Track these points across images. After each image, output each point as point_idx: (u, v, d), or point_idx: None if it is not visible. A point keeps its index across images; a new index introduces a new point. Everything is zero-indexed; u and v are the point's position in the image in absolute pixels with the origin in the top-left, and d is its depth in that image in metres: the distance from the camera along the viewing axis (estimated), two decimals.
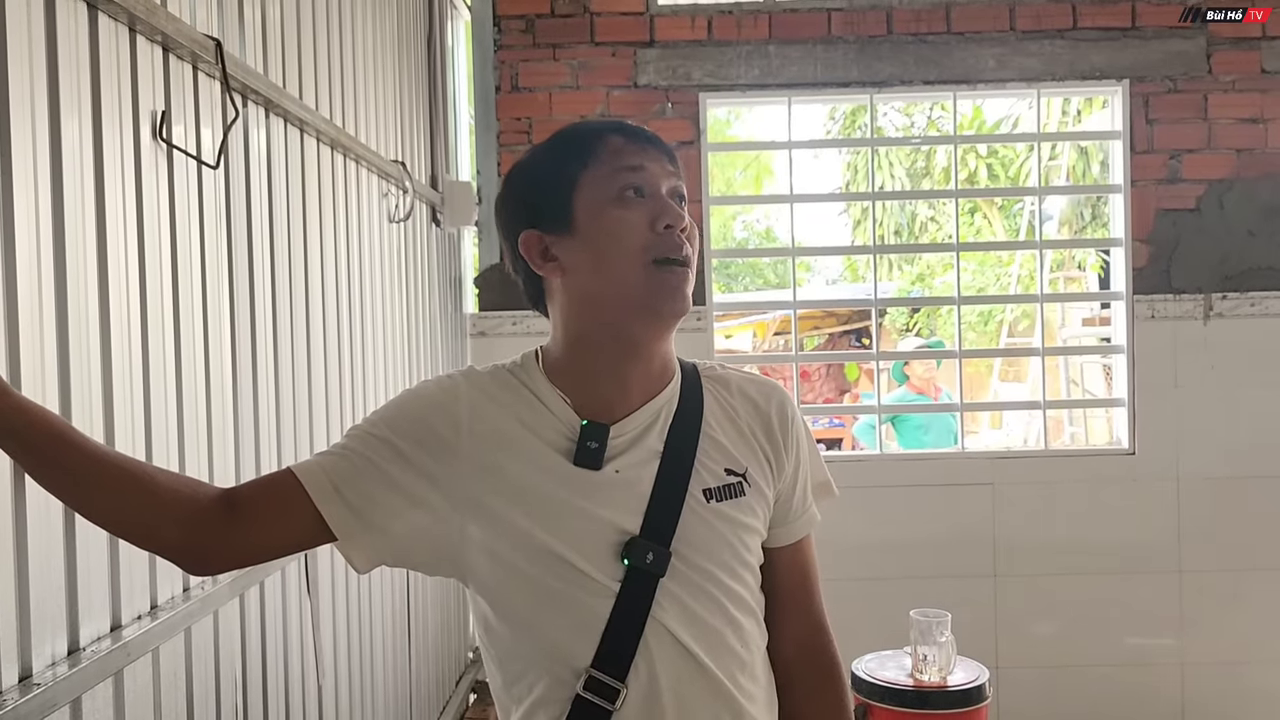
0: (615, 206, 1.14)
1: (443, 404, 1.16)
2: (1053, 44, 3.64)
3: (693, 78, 3.68)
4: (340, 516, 1.10)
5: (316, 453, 1.16)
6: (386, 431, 1.14)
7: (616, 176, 1.14)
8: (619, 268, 1.13)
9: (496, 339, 3.67)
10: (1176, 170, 3.64)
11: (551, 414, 1.16)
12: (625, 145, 1.16)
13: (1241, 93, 3.62)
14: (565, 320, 1.17)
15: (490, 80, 3.71)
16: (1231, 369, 3.62)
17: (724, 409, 1.24)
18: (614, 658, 1.11)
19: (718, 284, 17.21)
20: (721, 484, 1.18)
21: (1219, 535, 3.63)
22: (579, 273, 1.15)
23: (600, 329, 1.16)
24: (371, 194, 2.54)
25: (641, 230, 1.13)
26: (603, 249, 1.13)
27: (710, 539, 1.16)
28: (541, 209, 1.16)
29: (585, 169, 1.15)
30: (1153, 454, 3.64)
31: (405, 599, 2.75)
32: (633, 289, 1.13)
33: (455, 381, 1.18)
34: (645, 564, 1.11)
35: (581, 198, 1.15)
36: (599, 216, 1.14)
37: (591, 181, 1.15)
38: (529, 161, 1.22)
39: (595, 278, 1.14)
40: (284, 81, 1.96)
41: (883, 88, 3.68)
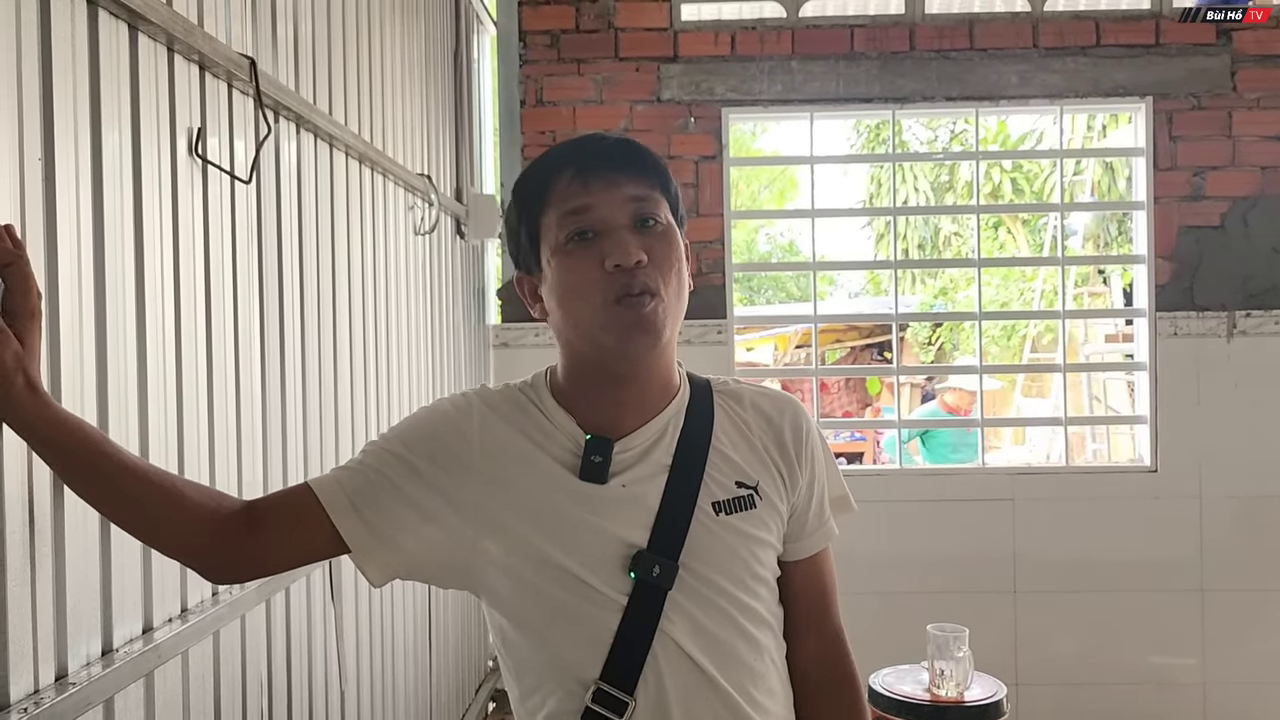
0: (563, 255, 1.14)
1: (456, 421, 1.18)
2: (1076, 61, 3.64)
3: (715, 93, 3.71)
4: (355, 531, 1.12)
5: (333, 468, 1.18)
6: (401, 448, 1.16)
7: (564, 223, 1.13)
8: (578, 313, 1.13)
9: (519, 350, 3.71)
10: (1200, 187, 3.64)
11: (558, 430, 1.17)
12: (572, 184, 1.14)
13: (1266, 110, 3.62)
14: (560, 348, 1.21)
15: (515, 94, 3.76)
16: (1255, 387, 3.60)
17: (735, 423, 1.24)
18: (622, 671, 1.12)
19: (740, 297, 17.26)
20: (731, 496, 1.19)
21: (1242, 554, 3.60)
22: (554, 314, 1.17)
23: (585, 362, 1.17)
24: (398, 207, 2.58)
25: (594, 273, 1.12)
26: (561, 296, 1.14)
27: (719, 552, 1.16)
28: (521, 253, 1.20)
29: (543, 213, 1.16)
30: (1175, 472, 3.62)
31: (427, 607, 2.78)
32: (597, 331, 1.12)
33: (468, 399, 1.20)
34: (652, 577, 1.12)
35: (544, 243, 1.16)
36: (554, 266, 1.15)
37: (547, 228, 1.15)
38: (513, 198, 1.23)
39: (564, 322, 1.16)
40: (314, 97, 2.00)
41: (905, 104, 3.70)
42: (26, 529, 1.10)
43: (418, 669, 2.67)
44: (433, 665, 2.81)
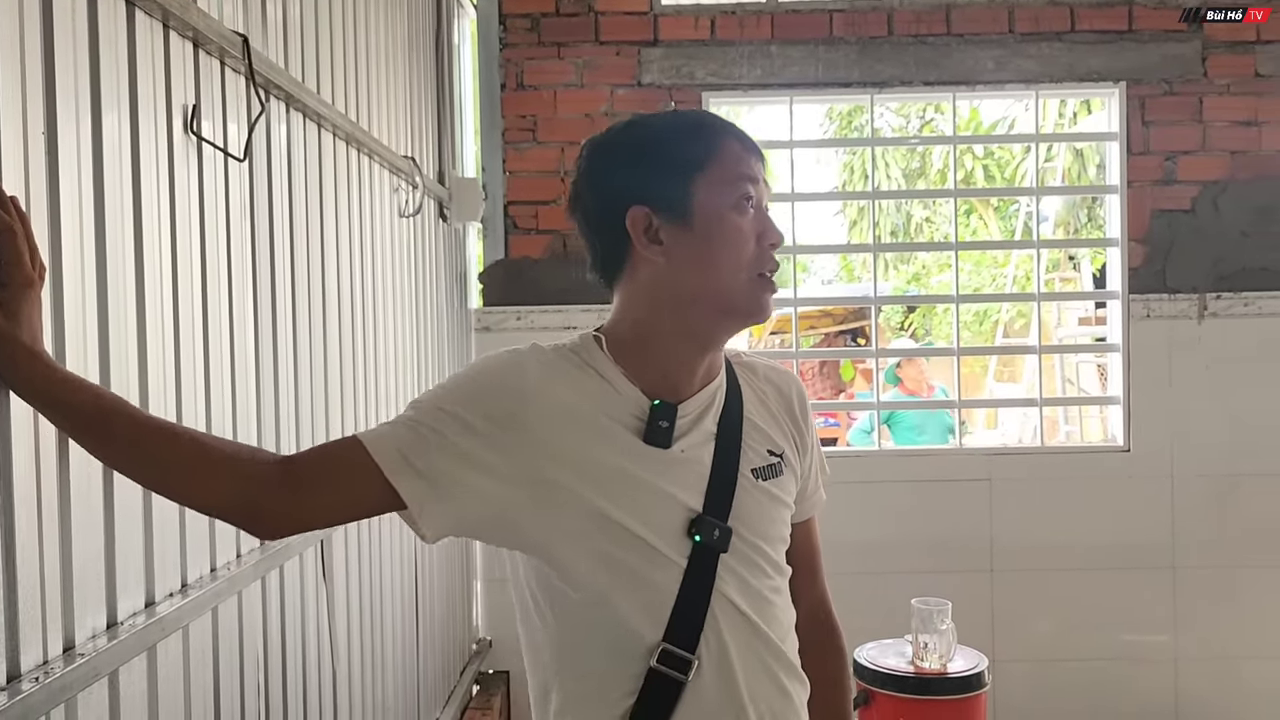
0: (734, 213, 1.17)
1: (511, 379, 1.16)
2: (1051, 46, 3.69)
3: (696, 77, 3.72)
4: (412, 488, 1.11)
5: (382, 423, 1.16)
6: (456, 405, 1.14)
7: (737, 184, 1.17)
8: (728, 273, 1.16)
9: (501, 334, 3.72)
10: (1172, 172, 3.70)
11: (618, 393, 1.18)
12: (742, 152, 1.19)
13: (1236, 95, 3.68)
14: (646, 302, 1.19)
15: (495, 78, 3.76)
16: (1225, 368, 3.67)
17: (756, 394, 1.29)
18: (685, 630, 1.15)
19: None
20: (765, 464, 1.24)
21: (1212, 532, 3.68)
22: (683, 265, 1.16)
23: (683, 320, 1.18)
24: (384, 188, 2.58)
25: (749, 242, 1.17)
26: (716, 251, 1.16)
27: (759, 515, 1.22)
28: (658, 190, 1.17)
29: (706, 165, 1.17)
30: (1147, 451, 3.69)
31: (414, 590, 2.79)
32: (735, 295, 1.17)
33: (522, 356, 1.19)
34: (713, 540, 1.16)
35: (700, 194, 1.16)
36: (719, 219, 1.16)
37: (711, 180, 1.17)
38: (646, 136, 1.21)
39: (701, 275, 1.16)
40: (303, 77, 2.00)
41: (883, 88, 3.73)
42: (34, 500, 1.11)
43: (405, 649, 2.69)
44: (419, 646, 2.82)
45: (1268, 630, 3.68)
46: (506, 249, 3.77)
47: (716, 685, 1.16)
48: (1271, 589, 3.68)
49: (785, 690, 1.21)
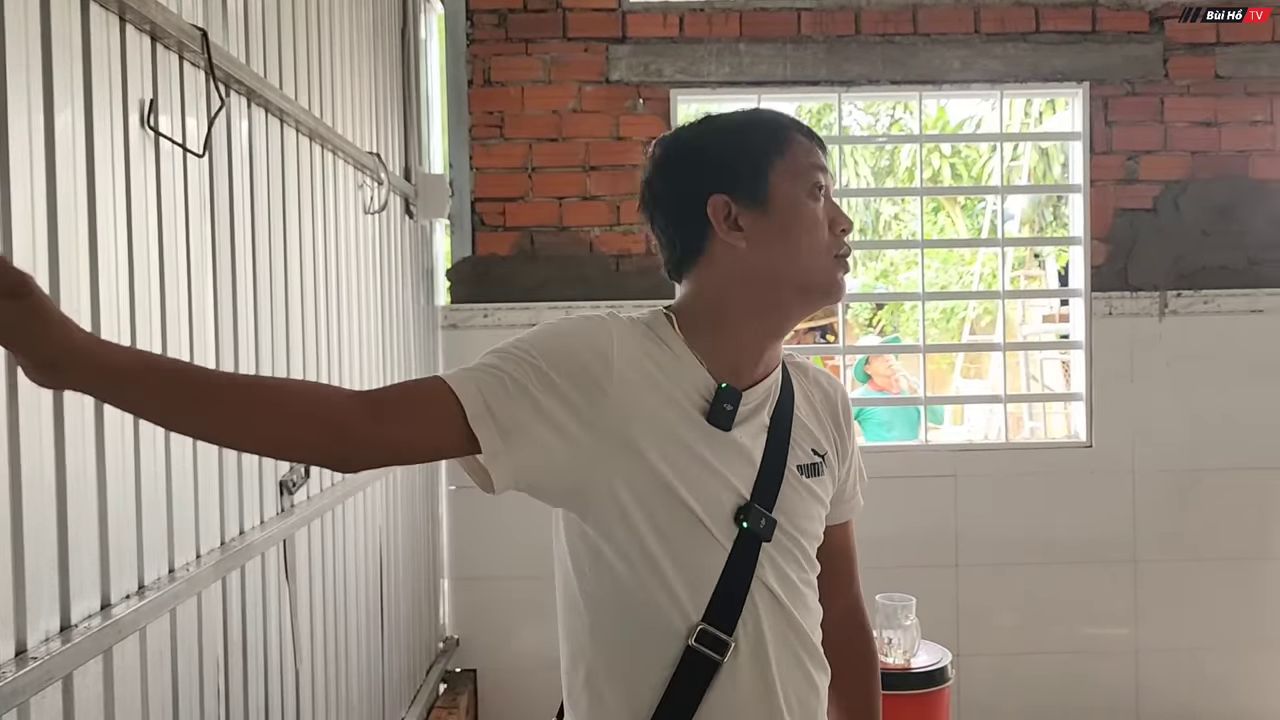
0: (809, 199, 1.23)
1: (595, 341, 1.18)
2: (1016, 46, 3.72)
3: (664, 74, 3.72)
4: (490, 435, 1.11)
5: (462, 367, 1.15)
6: (539, 359, 1.14)
7: (810, 173, 1.24)
8: (809, 254, 1.23)
9: (468, 331, 3.70)
10: (1134, 171, 3.74)
11: (686, 370, 1.21)
12: (811, 146, 1.26)
13: (1196, 96, 3.73)
14: (725, 284, 1.23)
15: (462, 74, 3.74)
16: (1185, 365, 3.73)
17: (805, 394, 1.34)
18: (724, 613, 1.18)
19: None
20: (809, 462, 1.29)
21: (1172, 526, 3.73)
22: (765, 249, 1.22)
23: (762, 299, 1.23)
24: (348, 185, 2.56)
25: (823, 228, 1.24)
26: (796, 235, 1.22)
27: (801, 510, 1.26)
28: (737, 178, 1.22)
29: (780, 156, 1.23)
30: (1109, 447, 3.74)
31: (379, 589, 2.77)
32: (813, 274, 1.23)
33: (605, 323, 1.20)
34: (759, 528, 1.20)
35: (776, 182, 1.22)
36: (795, 205, 1.23)
37: (785, 170, 1.23)
38: (721, 127, 1.27)
39: (781, 257, 1.22)
40: (265, 72, 1.98)
41: (851, 87, 3.74)
42: None
43: (370, 649, 2.67)
44: (385, 645, 2.81)
45: (1225, 622, 3.74)
46: (474, 246, 3.75)
47: (751, 669, 1.19)
48: (1229, 582, 3.74)
49: (812, 681, 1.26)
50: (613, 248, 3.73)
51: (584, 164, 3.73)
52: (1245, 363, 3.73)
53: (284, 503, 1.99)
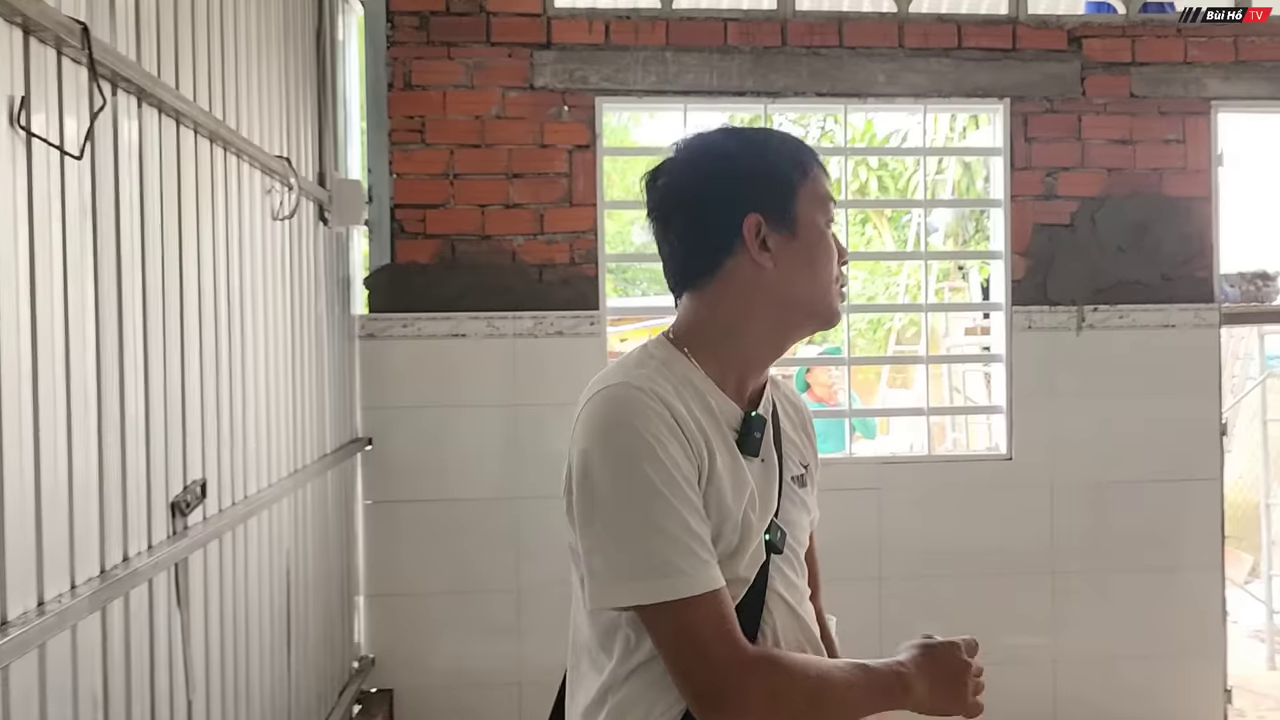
0: (824, 230, 1.29)
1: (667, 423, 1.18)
2: (939, 62, 3.75)
3: (589, 81, 3.67)
4: None
5: (682, 556, 1.14)
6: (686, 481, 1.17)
7: (826, 205, 1.30)
8: (823, 282, 1.28)
9: (386, 341, 3.60)
10: (1053, 187, 3.79)
11: (716, 405, 1.25)
12: (824, 175, 1.31)
13: (1112, 115, 3.80)
14: (742, 304, 1.26)
15: (382, 77, 3.64)
16: (1101, 379, 3.78)
17: (783, 409, 1.39)
18: (749, 622, 1.22)
19: (614, 288, 17.04)
20: (799, 473, 1.36)
21: (1089, 537, 3.78)
22: (789, 271, 1.26)
23: (776, 323, 1.28)
24: (254, 190, 2.45)
25: (832, 258, 1.30)
26: (817, 261, 1.28)
27: (796, 520, 1.34)
28: (768, 200, 1.25)
29: (804, 182, 1.28)
30: (1028, 460, 3.77)
31: (285, 609, 2.66)
32: (822, 301, 1.29)
33: (645, 401, 1.18)
34: (777, 540, 1.27)
35: (802, 207, 1.27)
36: (818, 232, 1.28)
37: (809, 196, 1.28)
38: (753, 144, 1.29)
39: (803, 281, 1.27)
40: (159, 70, 1.87)
41: (777, 98, 3.73)
42: None
43: (275, 674, 2.56)
44: (291, 668, 2.70)
45: (1139, 631, 3.80)
46: (393, 254, 3.65)
47: None
48: (1143, 592, 3.80)
49: None
50: (536, 257, 3.66)
51: (507, 171, 3.66)
52: (1158, 376, 3.79)
53: (176, 525, 1.88)
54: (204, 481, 2.01)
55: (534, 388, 3.63)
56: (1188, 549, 3.82)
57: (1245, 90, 3.81)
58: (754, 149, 1.28)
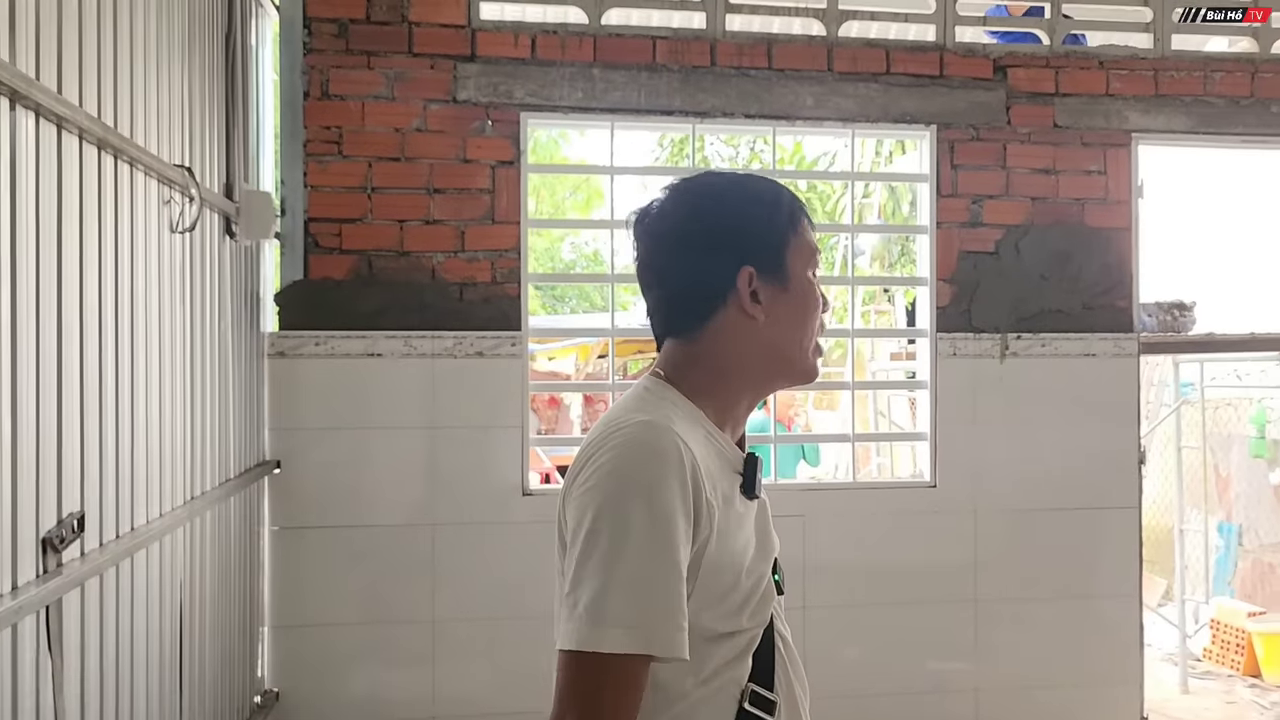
0: (812, 283, 1.29)
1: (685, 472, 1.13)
2: (868, 87, 3.74)
3: (514, 96, 3.58)
4: None
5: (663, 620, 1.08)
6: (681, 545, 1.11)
7: (813, 256, 1.29)
8: (805, 331, 1.28)
9: (298, 360, 3.45)
10: (978, 214, 3.80)
11: (723, 451, 1.23)
12: (810, 230, 1.30)
13: (1036, 144, 3.82)
14: (732, 356, 1.25)
15: (298, 85, 3.50)
16: (1023, 407, 3.79)
17: None
18: (764, 672, 1.21)
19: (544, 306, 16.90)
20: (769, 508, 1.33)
21: (1010, 565, 3.78)
22: (779, 323, 1.25)
23: (763, 374, 1.28)
24: (149, 201, 2.31)
25: (817, 310, 1.30)
26: (805, 315, 1.27)
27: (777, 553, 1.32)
28: (759, 251, 1.25)
29: (794, 235, 1.27)
30: (952, 487, 3.76)
31: (178, 644, 2.50)
32: (804, 354, 1.29)
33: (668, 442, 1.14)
34: (781, 580, 1.28)
35: (792, 259, 1.26)
36: (807, 284, 1.28)
37: (797, 249, 1.27)
38: (747, 195, 1.27)
39: (791, 333, 1.26)
40: (37, 73, 1.73)
41: (705, 118, 3.68)
42: None
43: (165, 714, 2.39)
44: (184, 709, 2.53)
45: (1060, 658, 3.80)
46: (306, 269, 3.50)
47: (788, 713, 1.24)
48: (1063, 618, 3.81)
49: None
50: (456, 275, 3.55)
51: (428, 186, 3.54)
52: (1079, 405, 3.82)
53: (48, 563, 1.73)
54: (81, 514, 1.86)
55: (453, 409, 3.52)
56: (1107, 576, 3.84)
57: (1164, 124, 3.87)
58: (748, 198, 1.27)
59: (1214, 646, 5.77)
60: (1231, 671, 5.59)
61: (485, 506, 3.52)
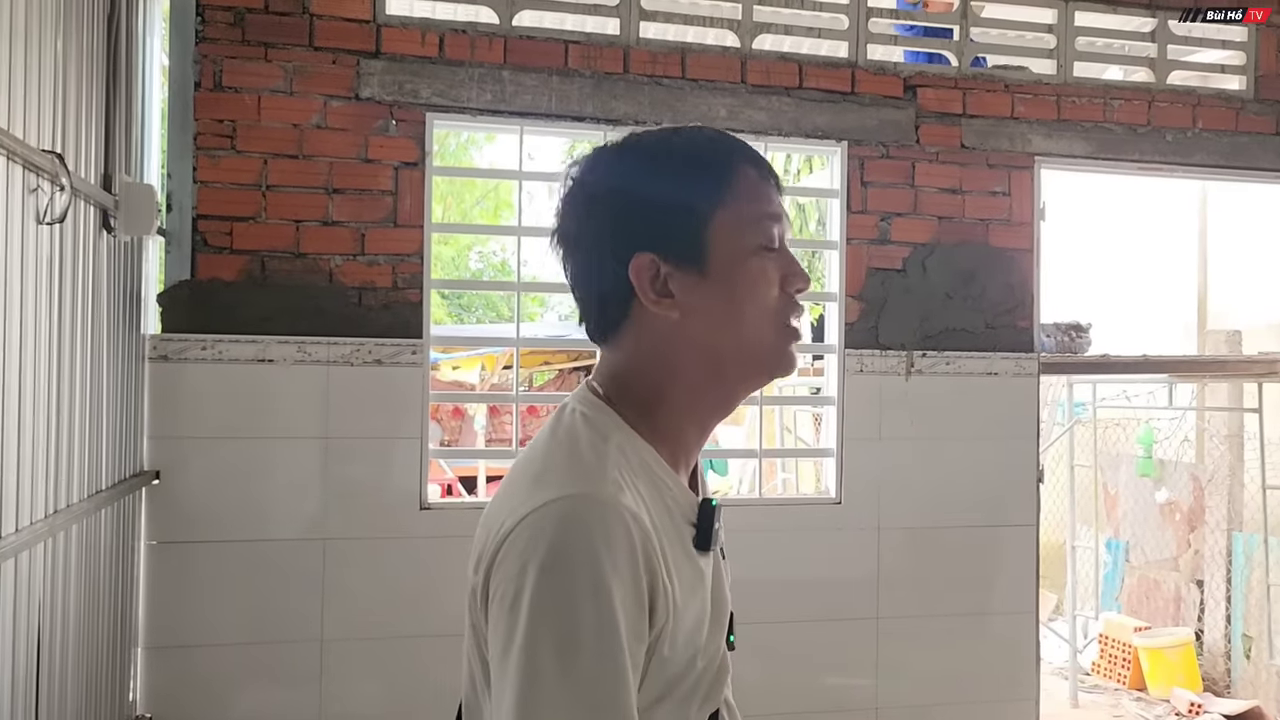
0: (755, 257, 1.03)
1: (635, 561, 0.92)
2: (780, 100, 3.72)
3: (420, 96, 3.45)
4: None
5: None
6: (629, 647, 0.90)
7: (759, 224, 1.03)
8: (753, 324, 1.03)
9: (182, 365, 3.25)
10: (886, 232, 3.81)
11: (672, 500, 1.03)
12: (760, 183, 1.05)
13: (944, 164, 3.86)
14: (658, 363, 1.04)
15: (189, 75, 3.32)
16: (927, 425, 3.81)
17: None
18: None
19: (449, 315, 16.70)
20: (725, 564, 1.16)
21: (912, 582, 3.79)
22: (702, 319, 1.02)
23: (702, 382, 1.04)
24: (12, 188, 2.13)
25: (774, 289, 1.04)
26: (739, 301, 1.02)
27: None
28: (667, 234, 1.01)
29: (721, 203, 1.02)
30: (857, 504, 3.76)
31: (35, 673, 2.30)
32: (760, 349, 1.04)
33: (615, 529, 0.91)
34: (734, 639, 1.11)
35: (716, 236, 1.01)
36: (739, 264, 1.02)
37: (729, 221, 1.02)
38: (647, 170, 1.03)
39: (723, 330, 1.02)
40: None
41: (617, 125, 3.61)
42: None
43: None
44: None
45: (959, 675, 3.83)
46: (194, 269, 3.31)
47: None
48: (963, 636, 3.83)
49: None
50: (355, 279, 3.40)
51: (327, 185, 3.39)
52: (981, 423, 3.86)
53: None
54: None
55: (349, 419, 3.37)
56: (1006, 593, 3.88)
57: (1065, 148, 3.95)
58: (652, 165, 1.03)
59: (1102, 661, 5.92)
60: (1118, 685, 5.75)
61: (380, 520, 3.38)
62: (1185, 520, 5.98)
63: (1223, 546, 5.62)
